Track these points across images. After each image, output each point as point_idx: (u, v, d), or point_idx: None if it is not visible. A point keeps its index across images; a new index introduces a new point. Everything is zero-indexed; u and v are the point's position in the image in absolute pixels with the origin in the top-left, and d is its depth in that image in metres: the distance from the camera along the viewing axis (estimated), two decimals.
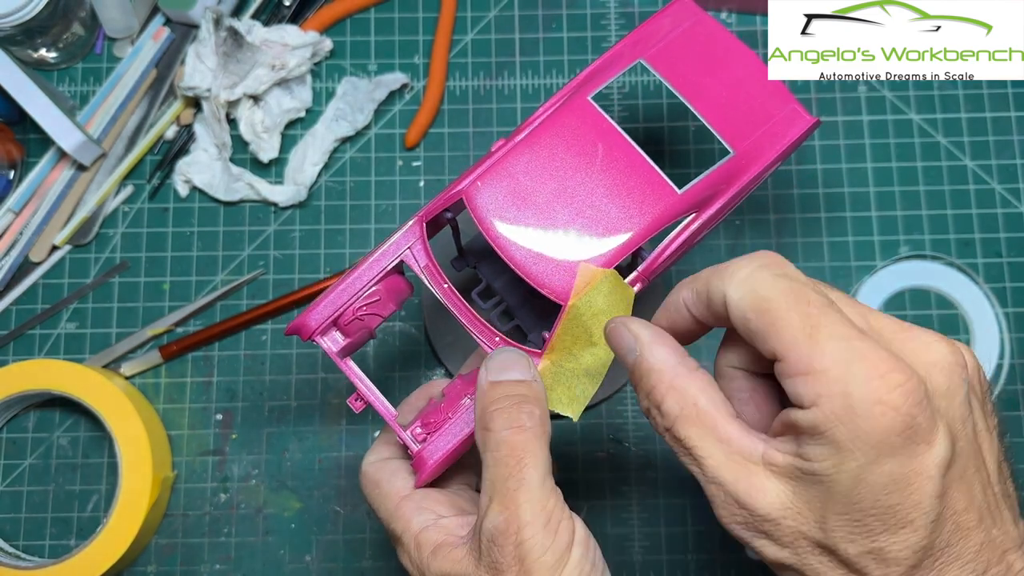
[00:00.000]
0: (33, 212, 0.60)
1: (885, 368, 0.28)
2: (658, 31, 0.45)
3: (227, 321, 0.58)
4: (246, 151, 0.61)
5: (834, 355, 0.28)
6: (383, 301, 0.42)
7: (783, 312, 0.29)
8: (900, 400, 0.27)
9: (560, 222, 0.41)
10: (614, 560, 0.55)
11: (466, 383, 0.41)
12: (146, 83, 0.61)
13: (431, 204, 0.43)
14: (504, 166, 0.42)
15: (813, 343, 0.29)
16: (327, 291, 0.42)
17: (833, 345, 0.28)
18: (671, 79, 0.44)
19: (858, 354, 0.28)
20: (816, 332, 0.29)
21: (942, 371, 0.30)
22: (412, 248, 0.42)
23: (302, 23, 0.62)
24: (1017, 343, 0.57)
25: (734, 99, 0.44)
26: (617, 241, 0.41)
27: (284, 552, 0.56)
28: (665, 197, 0.42)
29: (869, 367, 0.28)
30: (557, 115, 0.43)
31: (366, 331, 0.43)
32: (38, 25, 0.58)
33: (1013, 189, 0.60)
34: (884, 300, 0.58)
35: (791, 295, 0.30)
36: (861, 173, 0.60)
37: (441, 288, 0.42)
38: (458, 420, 0.40)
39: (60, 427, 0.58)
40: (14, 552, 0.56)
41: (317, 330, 0.42)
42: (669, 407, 0.32)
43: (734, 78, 0.44)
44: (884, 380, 0.28)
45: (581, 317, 0.40)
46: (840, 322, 0.29)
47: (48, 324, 0.59)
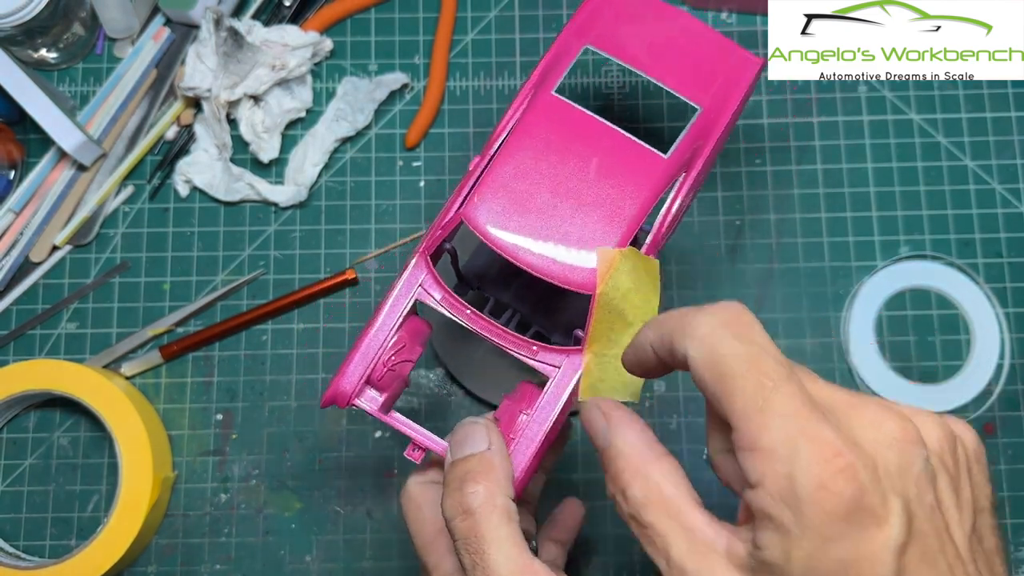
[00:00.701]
0: (33, 212, 0.60)
1: (831, 451, 0.27)
2: (595, 14, 0.46)
3: (227, 321, 0.58)
4: (246, 151, 0.61)
5: (781, 433, 0.27)
6: (409, 346, 0.41)
7: (738, 380, 0.28)
8: (844, 483, 0.26)
9: (565, 217, 0.41)
10: (614, 560, 0.55)
11: (514, 401, 0.41)
12: (146, 83, 0.62)
13: (430, 236, 0.42)
14: (495, 178, 0.41)
15: (763, 417, 0.27)
16: (351, 352, 0.41)
17: (781, 422, 0.27)
18: (621, 56, 0.45)
19: (805, 433, 0.27)
20: (768, 405, 0.28)
21: (892, 448, 0.28)
22: (424, 285, 0.42)
23: (302, 23, 0.62)
24: (1017, 343, 0.57)
25: (684, 60, 0.45)
26: (624, 219, 0.41)
27: (284, 552, 0.56)
28: (655, 165, 0.42)
29: (815, 449, 0.27)
30: (528, 117, 0.42)
31: (400, 380, 0.42)
32: (38, 25, 0.58)
33: (1013, 189, 0.60)
34: (884, 300, 0.58)
35: (748, 362, 0.29)
36: (861, 173, 0.60)
37: (465, 315, 0.41)
38: (521, 439, 0.40)
39: (60, 427, 0.58)
40: (14, 552, 0.56)
41: (353, 394, 0.41)
42: (634, 493, 0.31)
43: (678, 40, 0.46)
44: (829, 463, 0.27)
45: (612, 302, 0.40)
46: (794, 396, 0.28)
47: (48, 324, 0.59)
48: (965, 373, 0.57)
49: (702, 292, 0.58)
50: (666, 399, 0.57)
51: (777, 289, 0.58)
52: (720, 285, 0.58)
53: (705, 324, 0.30)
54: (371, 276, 0.59)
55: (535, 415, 0.40)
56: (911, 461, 0.28)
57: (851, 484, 0.27)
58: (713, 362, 0.29)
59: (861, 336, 0.57)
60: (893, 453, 0.28)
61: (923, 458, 0.29)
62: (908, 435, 0.29)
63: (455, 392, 0.58)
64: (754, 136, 0.61)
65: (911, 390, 0.57)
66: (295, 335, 0.59)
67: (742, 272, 0.59)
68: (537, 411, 0.40)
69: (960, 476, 0.31)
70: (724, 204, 0.60)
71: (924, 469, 0.29)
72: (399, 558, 0.56)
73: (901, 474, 0.28)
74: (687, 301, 0.57)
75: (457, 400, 0.58)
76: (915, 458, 0.29)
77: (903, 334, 0.58)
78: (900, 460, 0.28)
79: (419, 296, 0.41)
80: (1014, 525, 0.55)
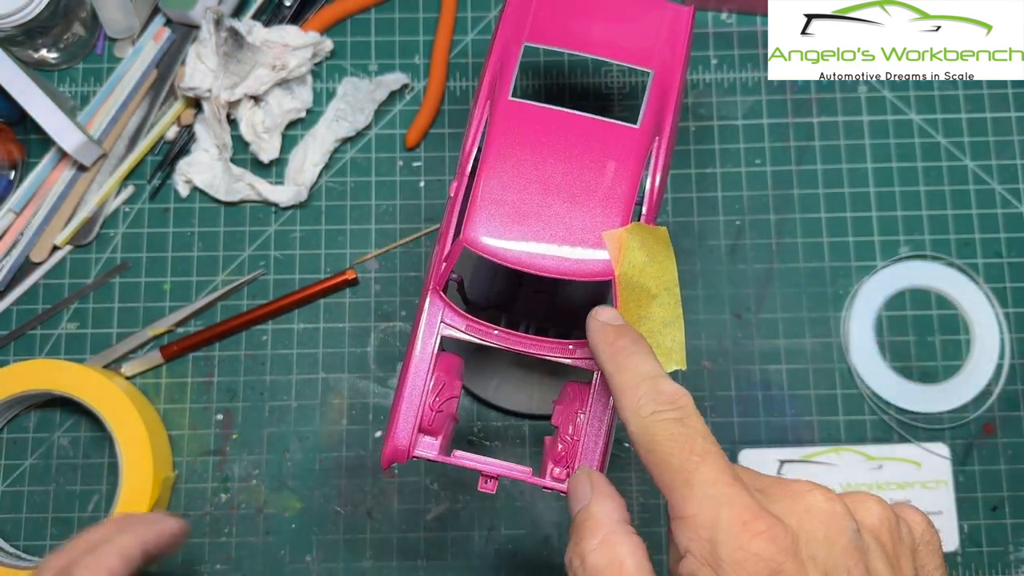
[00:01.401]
0: (34, 212, 0.60)
1: (750, 515, 0.28)
2: (521, 11, 0.47)
3: (228, 321, 0.58)
4: (247, 151, 0.61)
5: (704, 500, 0.29)
6: (448, 383, 0.42)
7: (666, 456, 0.30)
8: (763, 547, 0.27)
9: (562, 213, 0.41)
10: None
11: (567, 404, 0.41)
12: (147, 83, 0.62)
13: (436, 271, 0.42)
14: (484, 197, 0.41)
15: (688, 488, 0.29)
16: (395, 406, 0.41)
17: (704, 491, 0.29)
18: (561, 44, 0.45)
19: (726, 500, 0.28)
20: (692, 478, 0.29)
21: (816, 518, 0.29)
22: (445, 320, 0.42)
23: (303, 23, 0.62)
24: (1017, 343, 0.57)
25: (620, 29, 0.46)
26: (619, 197, 0.41)
27: (285, 552, 0.56)
28: (630, 137, 0.42)
29: (734, 514, 0.28)
30: (495, 129, 0.43)
31: (450, 418, 0.42)
32: (39, 26, 0.58)
33: (1013, 189, 0.60)
34: (884, 300, 0.58)
35: (677, 441, 0.30)
36: (861, 173, 0.60)
37: (494, 337, 0.42)
38: (586, 438, 0.40)
39: (61, 427, 0.58)
40: (14, 552, 0.56)
41: (411, 447, 0.41)
42: (596, 560, 0.31)
43: (607, 12, 0.46)
44: (747, 527, 0.28)
45: (632, 279, 0.40)
46: (718, 469, 0.29)
47: (49, 324, 0.59)
48: (965, 373, 0.57)
49: (702, 292, 0.58)
50: None
51: (777, 289, 0.59)
52: (720, 285, 0.58)
53: (646, 405, 0.32)
54: (371, 276, 0.59)
55: (591, 411, 0.40)
56: (838, 532, 0.29)
57: (770, 546, 0.27)
58: (648, 440, 0.31)
59: (861, 336, 0.57)
60: (818, 523, 0.29)
61: (852, 530, 0.29)
62: (835, 508, 0.30)
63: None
64: (754, 136, 0.61)
65: (911, 390, 0.57)
66: (295, 335, 0.59)
67: (742, 272, 0.59)
68: (592, 406, 0.41)
69: (901, 554, 0.31)
70: (724, 204, 0.60)
71: (853, 541, 0.29)
72: (399, 558, 0.56)
73: (827, 544, 0.29)
74: (687, 301, 0.57)
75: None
76: (842, 529, 0.29)
77: (903, 334, 0.58)
78: (827, 530, 0.29)
79: (444, 332, 0.42)
80: (1014, 525, 0.55)
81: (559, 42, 0.46)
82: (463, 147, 0.45)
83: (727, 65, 0.62)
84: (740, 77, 0.61)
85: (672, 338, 0.40)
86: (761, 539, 0.27)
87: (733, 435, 0.57)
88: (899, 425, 0.57)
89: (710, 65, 0.62)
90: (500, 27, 0.47)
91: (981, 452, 0.56)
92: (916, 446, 0.56)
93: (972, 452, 0.56)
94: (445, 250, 0.42)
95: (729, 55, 0.62)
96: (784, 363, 0.57)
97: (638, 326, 0.40)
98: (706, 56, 0.62)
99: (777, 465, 0.56)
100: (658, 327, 0.40)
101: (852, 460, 0.56)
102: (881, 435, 0.57)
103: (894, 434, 0.57)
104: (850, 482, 0.56)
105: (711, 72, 0.62)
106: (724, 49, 0.62)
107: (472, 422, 0.57)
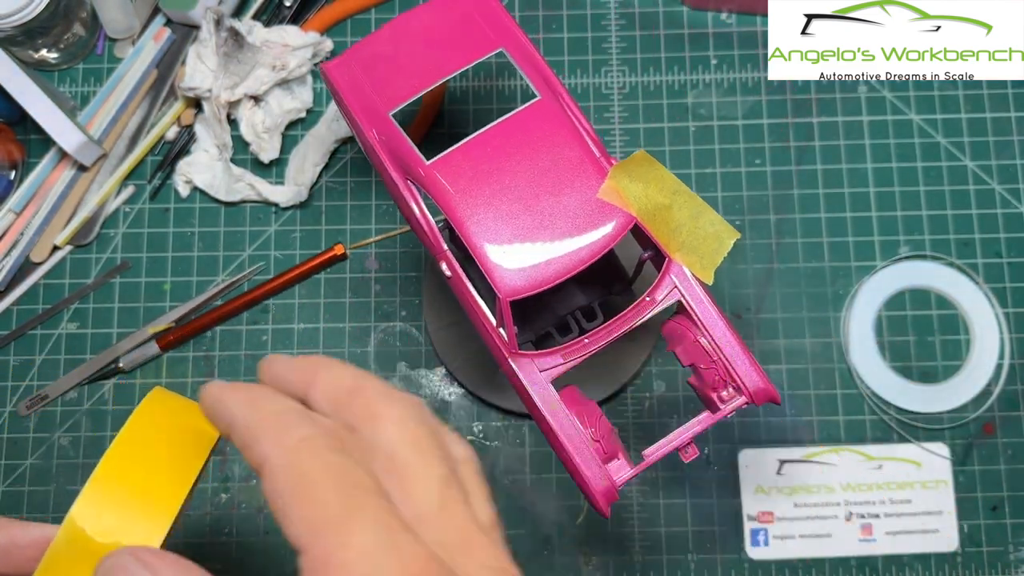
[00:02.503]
0: (34, 212, 0.60)
1: (417, 567, 0.24)
2: (355, 91, 0.45)
3: (221, 308, 0.58)
4: (247, 151, 0.61)
5: (365, 546, 0.24)
6: (586, 408, 0.42)
7: (320, 491, 0.24)
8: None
9: (554, 207, 0.41)
10: (614, 560, 0.55)
11: (683, 346, 0.43)
12: (147, 84, 0.62)
13: (506, 341, 0.42)
14: (487, 249, 0.41)
15: (346, 530, 0.24)
16: (569, 463, 0.42)
17: (366, 537, 0.24)
18: (414, 89, 0.44)
19: (392, 546, 0.24)
20: (351, 517, 0.24)
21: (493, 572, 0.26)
22: (543, 369, 0.42)
23: (303, 24, 0.62)
24: (1017, 343, 0.57)
25: (450, 37, 0.45)
26: (591, 160, 0.42)
27: (285, 552, 0.56)
28: (544, 108, 0.43)
29: (399, 563, 0.24)
30: (440, 193, 0.42)
31: (615, 433, 0.43)
32: (39, 26, 0.58)
33: (1013, 189, 0.60)
34: (884, 300, 0.58)
35: (336, 473, 0.25)
36: (861, 173, 0.60)
37: (586, 346, 0.42)
38: (722, 345, 0.42)
39: (61, 427, 0.58)
40: None
41: (612, 482, 0.42)
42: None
43: (427, 32, 0.46)
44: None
45: (646, 208, 0.41)
46: (384, 510, 0.25)
47: (49, 324, 0.59)
48: (965, 373, 0.57)
49: None
50: (666, 399, 0.57)
51: (777, 289, 0.59)
52: (720, 285, 0.58)
53: (302, 429, 0.26)
54: (371, 276, 0.59)
55: (705, 325, 0.42)
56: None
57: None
58: (296, 475, 0.25)
59: (861, 336, 0.57)
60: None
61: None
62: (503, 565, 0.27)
63: (455, 391, 0.58)
64: (754, 136, 0.61)
65: (911, 390, 0.57)
66: (295, 335, 0.59)
67: (742, 272, 0.59)
68: (703, 322, 0.42)
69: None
70: (724, 204, 0.60)
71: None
72: None
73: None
74: None
75: (457, 400, 0.58)
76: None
77: (903, 334, 0.58)
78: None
79: (551, 376, 0.42)
80: (1014, 525, 0.55)
81: (412, 89, 0.44)
82: (422, 235, 0.44)
83: (727, 65, 0.62)
84: (740, 77, 0.61)
85: (710, 222, 0.41)
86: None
87: (733, 435, 0.57)
88: (899, 425, 0.57)
89: (710, 65, 0.62)
90: (354, 116, 0.45)
91: (981, 452, 0.56)
92: (916, 446, 0.56)
93: (972, 452, 0.56)
94: (499, 309, 0.41)
95: (729, 55, 0.62)
96: (784, 363, 0.57)
97: (676, 238, 0.41)
98: (706, 56, 0.62)
99: (777, 465, 0.56)
100: (692, 226, 0.41)
101: (852, 460, 0.56)
102: (881, 435, 0.57)
103: (894, 434, 0.57)
104: (850, 482, 0.56)
105: (711, 72, 0.62)
106: (724, 49, 0.62)
107: (472, 422, 0.57)
